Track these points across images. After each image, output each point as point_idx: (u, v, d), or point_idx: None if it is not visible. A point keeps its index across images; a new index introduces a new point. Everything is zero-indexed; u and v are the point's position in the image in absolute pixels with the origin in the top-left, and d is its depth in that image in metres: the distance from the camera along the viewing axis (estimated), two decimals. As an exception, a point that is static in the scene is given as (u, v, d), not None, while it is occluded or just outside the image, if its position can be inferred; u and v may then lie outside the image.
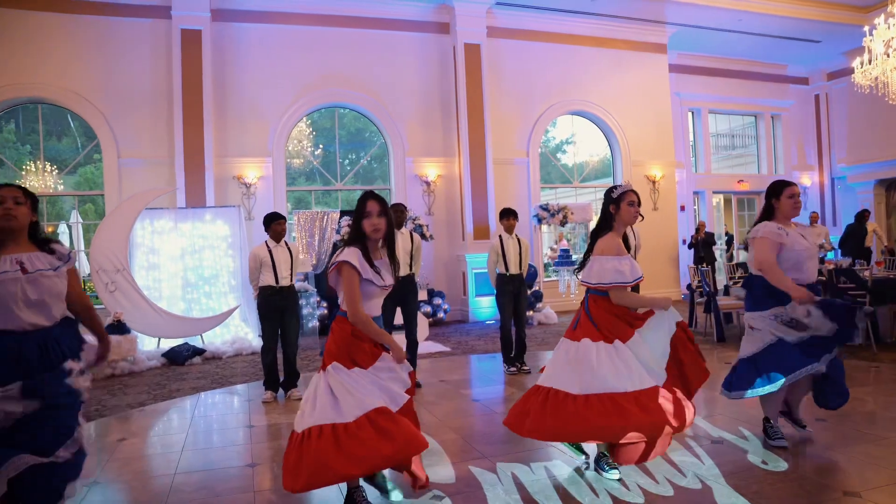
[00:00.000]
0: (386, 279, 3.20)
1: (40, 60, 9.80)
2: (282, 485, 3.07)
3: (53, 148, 10.63)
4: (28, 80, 9.77)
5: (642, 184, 12.98)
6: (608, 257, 3.60)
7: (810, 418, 4.60)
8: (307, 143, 11.88)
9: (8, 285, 2.58)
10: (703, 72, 14.48)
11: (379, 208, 3.18)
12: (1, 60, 9.64)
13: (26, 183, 10.39)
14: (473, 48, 11.47)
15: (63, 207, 11.61)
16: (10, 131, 10.54)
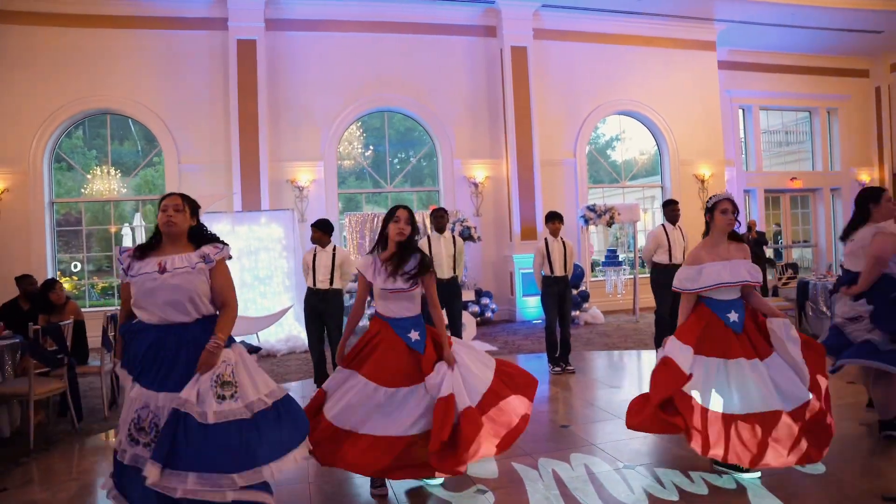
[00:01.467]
0: (387, 284, 3.47)
1: (108, 74, 10.40)
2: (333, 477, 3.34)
3: (116, 152, 11.24)
4: (96, 92, 10.40)
5: (690, 183, 12.87)
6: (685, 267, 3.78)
7: (852, 421, 4.62)
8: (357, 145, 12.21)
9: (146, 284, 2.87)
10: (755, 68, 14.20)
11: (407, 216, 3.55)
12: (72, 76, 10.28)
13: (91, 186, 11.05)
14: (520, 50, 11.59)
15: (125, 210, 12.22)
16: (79, 137, 11.19)
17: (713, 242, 3.75)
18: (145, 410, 2.78)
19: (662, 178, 13.07)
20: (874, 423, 4.53)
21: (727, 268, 3.63)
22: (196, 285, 2.90)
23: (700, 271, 3.65)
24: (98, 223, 11.43)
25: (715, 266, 3.63)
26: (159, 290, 2.84)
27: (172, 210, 2.98)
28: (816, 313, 7.84)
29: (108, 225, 11.37)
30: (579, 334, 9.44)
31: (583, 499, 3.44)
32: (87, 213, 11.24)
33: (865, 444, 4.15)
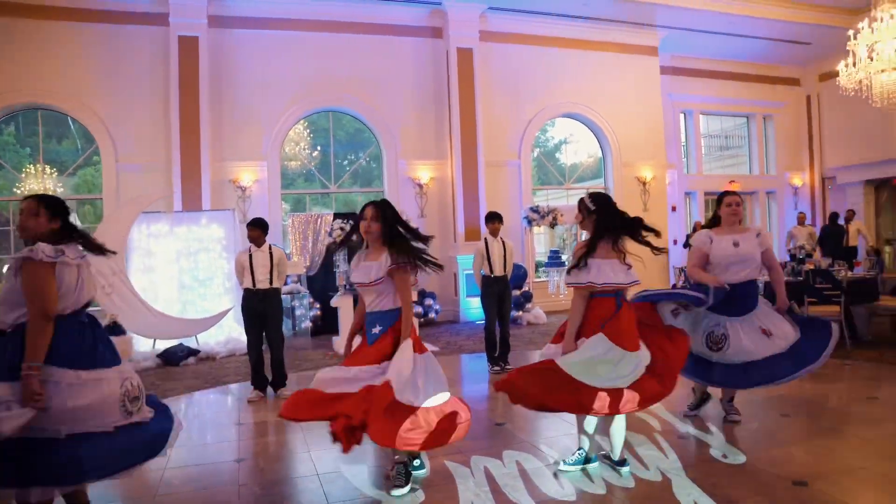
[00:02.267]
0: (360, 276, 3.58)
1: (41, 67, 10.00)
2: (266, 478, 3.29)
3: (53, 151, 10.83)
4: (29, 85, 9.98)
5: (632, 185, 13.16)
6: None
7: (775, 413, 4.80)
8: (304, 146, 12.07)
9: (87, 268, 3.14)
10: (695, 73, 14.64)
11: (374, 213, 3.60)
12: (1, 67, 9.84)
13: (25, 186, 10.61)
14: (466, 52, 11.66)
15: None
16: (10, 134, 10.73)
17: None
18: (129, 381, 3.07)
19: (605, 181, 13.33)
20: (791, 413, 4.73)
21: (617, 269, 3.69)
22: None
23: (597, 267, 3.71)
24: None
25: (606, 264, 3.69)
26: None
27: (26, 215, 2.99)
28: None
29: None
30: (522, 334, 9.54)
31: (512, 495, 3.47)
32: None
33: (784, 434, 4.31)
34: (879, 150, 14.09)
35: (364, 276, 3.57)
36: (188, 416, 5.71)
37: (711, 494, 3.34)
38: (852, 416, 4.70)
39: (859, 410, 4.82)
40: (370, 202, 3.66)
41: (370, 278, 3.55)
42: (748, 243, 4.33)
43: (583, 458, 3.79)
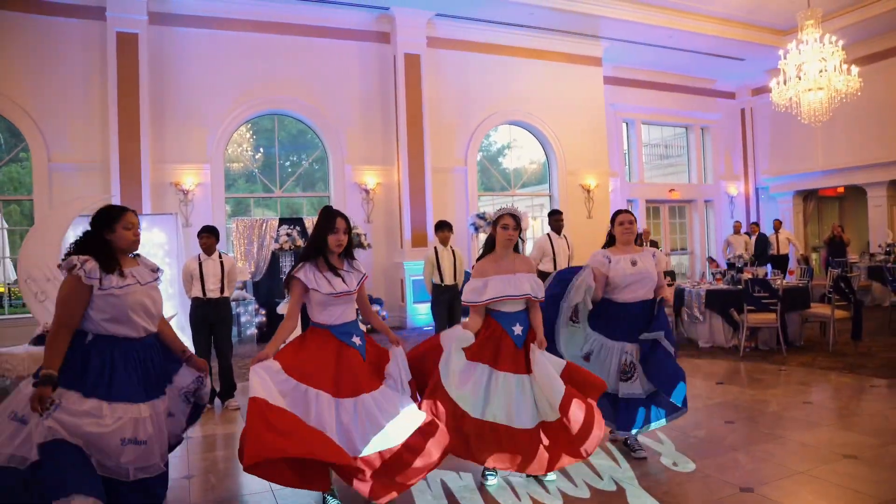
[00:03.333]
0: (336, 286, 3.44)
1: (-36, 60, 9.44)
2: (218, 496, 3.19)
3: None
4: (-50, 80, 9.40)
5: (577, 192, 13.42)
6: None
7: (720, 420, 4.98)
8: (247, 147, 11.81)
9: (134, 297, 2.98)
10: (637, 84, 15.06)
11: (346, 226, 3.54)
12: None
13: None
14: (413, 58, 11.64)
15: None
16: None
17: (498, 256, 3.79)
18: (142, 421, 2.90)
19: (550, 187, 13.55)
20: (735, 420, 4.92)
21: (511, 281, 3.68)
22: (158, 298, 3.13)
23: (486, 284, 3.68)
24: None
25: (499, 279, 3.69)
26: (145, 303, 3.01)
27: (139, 229, 3.16)
28: (691, 318, 8.37)
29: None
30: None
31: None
32: None
33: (729, 441, 4.47)
34: (807, 163, 14.84)
35: (345, 286, 3.47)
36: (129, 431, 5.48)
37: (664, 503, 3.44)
38: (790, 420, 4.90)
39: (796, 415, 5.04)
40: (338, 213, 3.52)
41: (352, 287, 3.51)
42: (646, 261, 4.19)
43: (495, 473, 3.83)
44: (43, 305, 7.97)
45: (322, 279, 3.43)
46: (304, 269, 3.45)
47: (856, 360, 7.03)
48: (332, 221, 3.48)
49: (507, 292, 3.64)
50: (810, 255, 15.04)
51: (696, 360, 7.46)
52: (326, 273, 3.46)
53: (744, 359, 7.40)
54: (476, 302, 3.67)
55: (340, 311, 3.47)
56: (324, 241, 3.47)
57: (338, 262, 3.53)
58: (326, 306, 3.44)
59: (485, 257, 3.85)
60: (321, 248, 3.48)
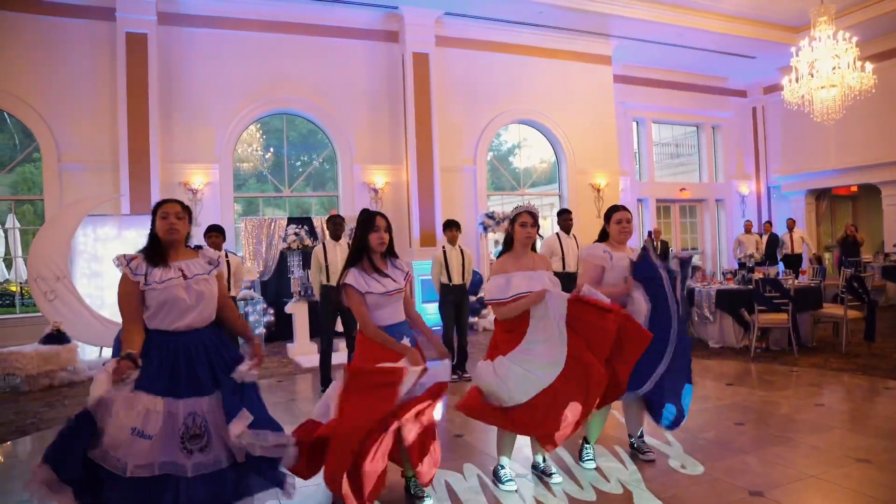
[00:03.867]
0: (387, 285, 3.43)
1: (-24, 61, 9.51)
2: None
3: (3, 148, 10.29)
4: (-37, 81, 9.47)
5: (587, 191, 13.35)
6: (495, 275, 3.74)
7: (729, 422, 4.91)
8: (257, 147, 11.83)
9: (176, 291, 2.88)
10: (647, 83, 14.96)
11: (386, 224, 3.53)
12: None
13: None
14: (422, 57, 11.61)
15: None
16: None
17: (517, 254, 3.75)
18: (192, 417, 2.80)
19: (560, 187, 13.48)
20: (745, 422, 4.85)
21: (534, 277, 3.64)
22: (213, 291, 3.05)
23: (509, 280, 3.64)
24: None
25: (522, 275, 3.65)
26: (183, 297, 2.91)
27: (174, 217, 2.99)
28: (702, 318, 8.29)
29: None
30: (478, 340, 9.54)
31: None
32: None
33: (738, 443, 4.41)
34: (820, 161, 14.67)
35: (394, 283, 3.48)
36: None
37: (672, 507, 3.40)
38: (801, 423, 4.83)
39: (807, 418, 4.96)
40: (376, 211, 3.54)
41: (401, 283, 3.52)
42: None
43: (508, 476, 3.77)
44: (52, 305, 8.04)
45: (372, 280, 3.40)
46: (351, 274, 3.41)
47: (869, 362, 6.93)
48: (372, 220, 3.47)
49: (533, 288, 3.58)
50: (823, 255, 14.87)
51: (706, 360, 7.39)
52: (374, 274, 3.43)
53: (754, 360, 7.32)
54: (502, 299, 3.62)
55: (391, 312, 3.45)
56: (366, 241, 3.45)
57: (381, 262, 3.51)
58: (376, 308, 3.41)
59: (504, 255, 3.81)
60: (364, 250, 3.46)
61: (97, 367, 7.89)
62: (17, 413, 6.16)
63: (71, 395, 6.88)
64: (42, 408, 6.37)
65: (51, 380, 7.33)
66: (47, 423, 5.76)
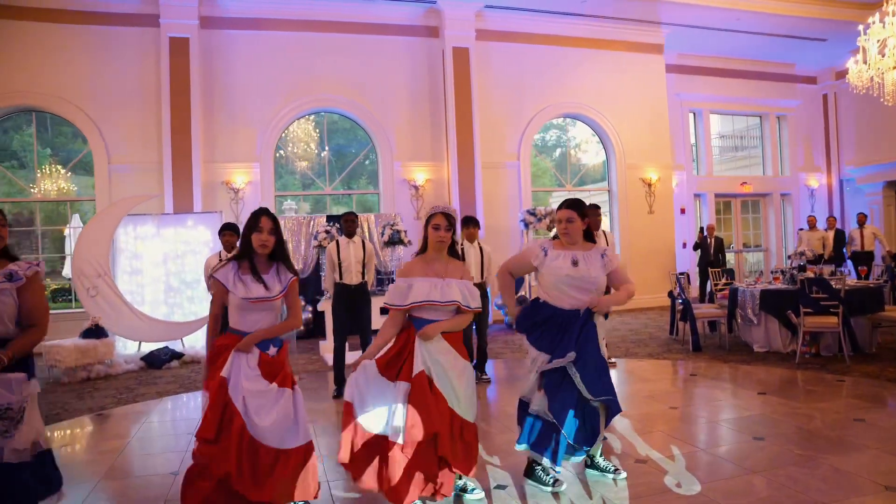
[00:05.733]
0: (253, 291, 3.20)
1: (34, 69, 10.00)
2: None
3: (51, 152, 10.82)
4: (21, 88, 9.99)
5: (637, 187, 12.81)
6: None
7: (748, 436, 4.51)
8: (296, 146, 11.95)
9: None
10: (705, 72, 14.20)
11: (271, 225, 3.27)
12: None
13: (40, 185, 10.59)
14: (462, 52, 11.43)
15: (55, 210, 11.75)
16: (30, 135, 10.70)
17: (428, 259, 3.46)
18: None
19: (609, 182, 12.99)
20: (765, 437, 4.44)
21: (438, 286, 3.33)
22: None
23: (410, 286, 3.35)
24: (51, 223, 11.17)
25: (425, 282, 3.35)
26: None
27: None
28: (745, 320, 7.77)
29: (53, 226, 10.93)
30: (512, 340, 9.30)
31: (439, 524, 3.27)
32: (41, 212, 10.87)
33: (751, 461, 4.02)
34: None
35: (265, 292, 3.24)
36: (146, 423, 5.59)
37: (650, 530, 3.10)
38: (831, 440, 4.37)
39: (840, 435, 4.48)
40: (265, 210, 3.30)
41: (273, 293, 3.27)
42: (591, 263, 3.60)
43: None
44: (94, 300, 8.34)
45: (240, 282, 3.20)
46: (227, 267, 3.26)
47: (932, 372, 6.28)
48: (256, 220, 3.25)
49: (433, 297, 3.31)
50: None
51: (745, 366, 6.90)
52: (247, 276, 3.23)
53: (800, 366, 6.76)
54: (398, 306, 3.36)
55: (255, 319, 3.22)
56: (248, 240, 3.26)
57: (264, 265, 3.30)
58: (239, 310, 3.22)
59: (417, 258, 3.55)
60: (247, 250, 3.27)
61: (133, 361, 8.19)
62: (49, 403, 6.40)
63: (102, 388, 7.11)
64: (72, 399, 6.60)
65: (88, 372, 7.61)
66: (71, 414, 5.96)
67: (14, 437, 2.60)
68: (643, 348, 8.29)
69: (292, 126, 11.59)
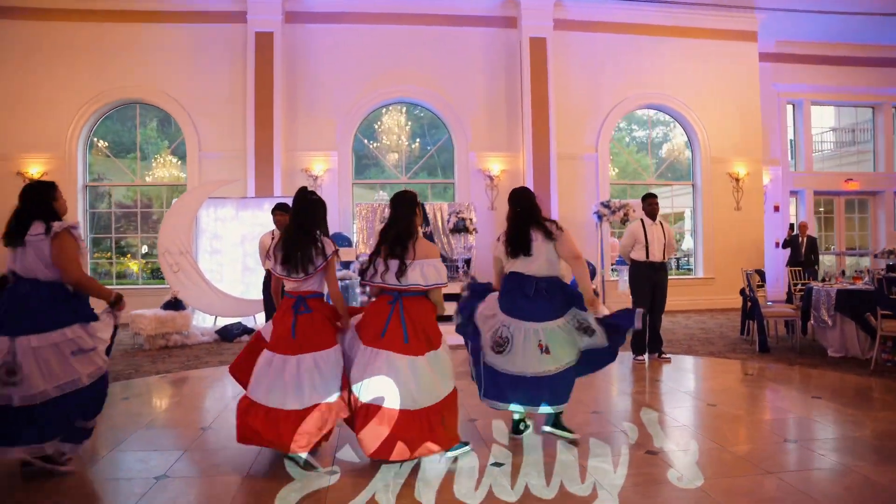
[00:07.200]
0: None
1: (136, 66, 11.00)
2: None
3: (148, 140, 11.80)
4: (126, 83, 11.02)
5: (724, 182, 12.17)
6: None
7: (778, 437, 4.24)
8: (374, 135, 12.29)
9: None
10: (807, 60, 13.23)
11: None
12: (104, 68, 10.95)
13: (143, 171, 11.61)
14: (539, 41, 11.33)
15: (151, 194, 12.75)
16: (153, 128, 11.78)
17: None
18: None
19: (693, 176, 12.43)
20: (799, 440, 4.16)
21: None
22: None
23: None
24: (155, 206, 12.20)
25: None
26: None
27: None
28: (818, 322, 7.23)
29: (154, 209, 11.95)
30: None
31: (422, 493, 3.32)
32: (144, 197, 11.91)
33: (770, 462, 3.78)
34: None
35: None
36: (201, 389, 6.01)
37: (629, 517, 3.01)
38: (876, 450, 3.99)
39: (890, 446, 4.09)
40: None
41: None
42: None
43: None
44: (176, 276, 9.00)
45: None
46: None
47: None
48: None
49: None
50: None
51: (812, 370, 6.44)
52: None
53: (875, 374, 6.22)
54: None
55: None
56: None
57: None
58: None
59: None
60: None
61: (208, 334, 8.78)
62: (127, 364, 7.06)
63: (176, 355, 7.69)
64: (146, 363, 7.20)
65: (166, 341, 8.25)
66: (140, 374, 6.52)
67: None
68: (706, 346, 7.91)
69: (371, 116, 11.94)
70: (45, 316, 3.38)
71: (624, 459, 3.79)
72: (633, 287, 6.87)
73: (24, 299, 3.39)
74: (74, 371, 3.42)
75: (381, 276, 3.70)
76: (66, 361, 3.40)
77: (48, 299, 3.41)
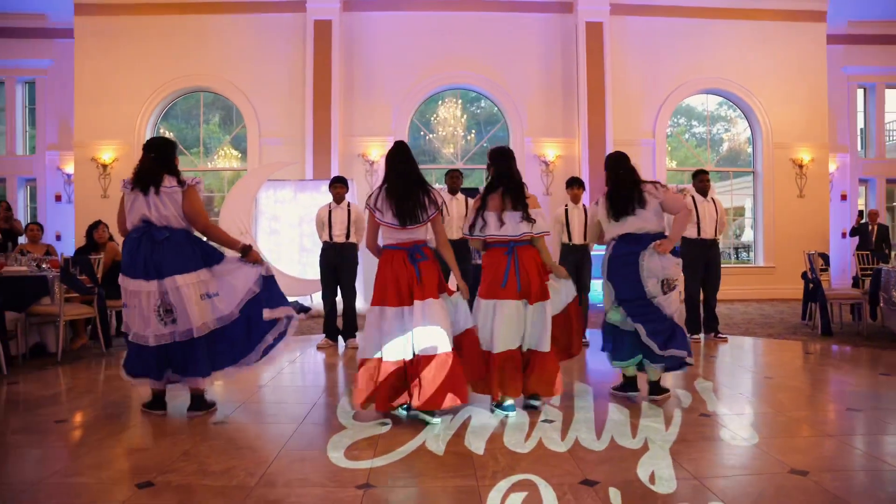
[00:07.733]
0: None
1: (201, 55, 11.41)
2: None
3: (216, 126, 12.25)
4: (192, 72, 11.47)
5: (787, 168, 11.77)
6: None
7: (842, 405, 4.11)
8: (429, 121, 12.39)
9: None
10: (881, 40, 12.62)
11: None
12: (171, 58, 11.42)
13: (215, 162, 12.08)
14: (596, 26, 11.21)
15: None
16: (216, 124, 12.28)
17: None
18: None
19: (754, 163, 12.08)
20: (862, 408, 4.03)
21: None
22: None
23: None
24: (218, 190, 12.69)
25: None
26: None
27: None
28: (888, 304, 6.94)
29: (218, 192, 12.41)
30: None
31: (471, 441, 3.37)
32: (207, 189, 12.38)
33: (829, 427, 3.69)
34: None
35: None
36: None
37: (680, 468, 2.97)
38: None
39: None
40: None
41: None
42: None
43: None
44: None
45: None
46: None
47: None
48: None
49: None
50: None
51: (883, 351, 6.17)
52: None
53: (949, 356, 5.93)
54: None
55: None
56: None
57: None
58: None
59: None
60: None
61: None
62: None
63: (235, 330, 7.95)
64: (206, 336, 7.46)
65: (226, 317, 8.53)
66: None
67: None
68: (765, 329, 7.69)
69: (426, 109, 12.06)
70: (184, 258, 3.70)
71: (677, 420, 3.76)
72: (686, 265, 6.73)
73: (165, 243, 3.69)
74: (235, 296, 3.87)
75: (496, 229, 3.87)
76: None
77: (185, 243, 3.74)
